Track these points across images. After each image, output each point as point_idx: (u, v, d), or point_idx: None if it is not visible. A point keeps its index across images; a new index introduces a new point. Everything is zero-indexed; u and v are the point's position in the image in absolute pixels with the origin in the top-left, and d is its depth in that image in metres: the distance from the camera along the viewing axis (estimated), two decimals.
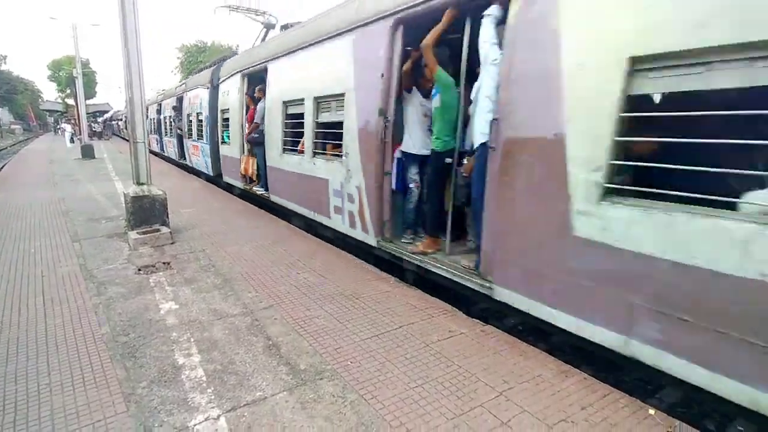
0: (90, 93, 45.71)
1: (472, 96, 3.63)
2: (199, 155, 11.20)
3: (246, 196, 8.50)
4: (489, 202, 3.30)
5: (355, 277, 4.26)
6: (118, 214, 6.62)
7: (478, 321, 3.38)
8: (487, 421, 2.22)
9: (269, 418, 2.21)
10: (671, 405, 2.77)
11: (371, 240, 4.71)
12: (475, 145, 3.54)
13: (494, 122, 3.20)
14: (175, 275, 4.22)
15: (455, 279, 3.73)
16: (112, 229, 5.85)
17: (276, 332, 3.12)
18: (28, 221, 6.37)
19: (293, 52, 6.04)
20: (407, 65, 4.24)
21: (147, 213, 5.42)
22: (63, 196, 8.48)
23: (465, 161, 3.82)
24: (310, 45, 5.59)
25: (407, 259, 4.30)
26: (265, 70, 6.92)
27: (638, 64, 2.36)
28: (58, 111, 50.31)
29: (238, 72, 8.13)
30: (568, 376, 2.64)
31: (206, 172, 10.78)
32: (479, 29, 3.43)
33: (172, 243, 5.24)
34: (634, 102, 2.42)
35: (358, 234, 4.93)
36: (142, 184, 5.49)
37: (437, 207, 4.20)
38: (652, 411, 2.33)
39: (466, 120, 3.83)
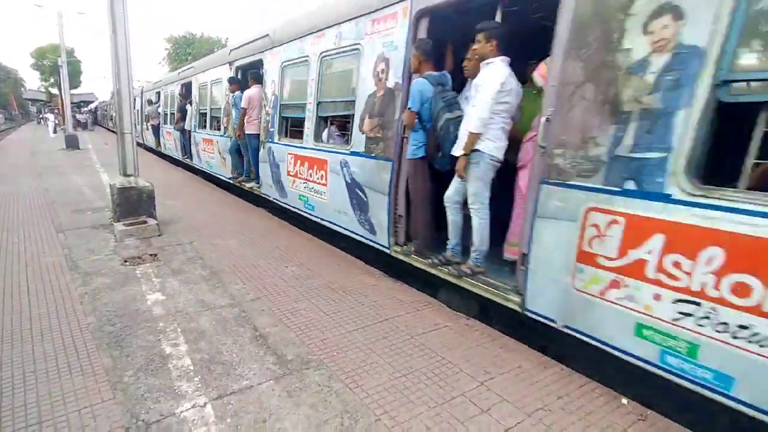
0: (75, 82, 44.76)
1: None
2: None
3: (231, 187, 8.46)
4: None
5: (342, 270, 4.31)
6: (104, 206, 6.56)
7: (462, 315, 3.46)
8: (468, 409, 2.30)
9: (256, 406, 2.25)
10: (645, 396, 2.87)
11: None
12: None
13: None
14: (162, 267, 4.22)
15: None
16: (97, 221, 5.80)
17: (263, 323, 3.15)
18: (11, 212, 6.27)
19: None
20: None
21: (134, 204, 5.38)
22: (47, 186, 8.35)
23: None
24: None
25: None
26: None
27: None
28: (41, 100, 49.14)
29: None
30: (546, 368, 2.74)
31: None
32: None
33: (159, 235, 5.21)
34: None
35: None
36: (129, 175, 5.46)
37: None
38: (625, 400, 2.43)
39: None
